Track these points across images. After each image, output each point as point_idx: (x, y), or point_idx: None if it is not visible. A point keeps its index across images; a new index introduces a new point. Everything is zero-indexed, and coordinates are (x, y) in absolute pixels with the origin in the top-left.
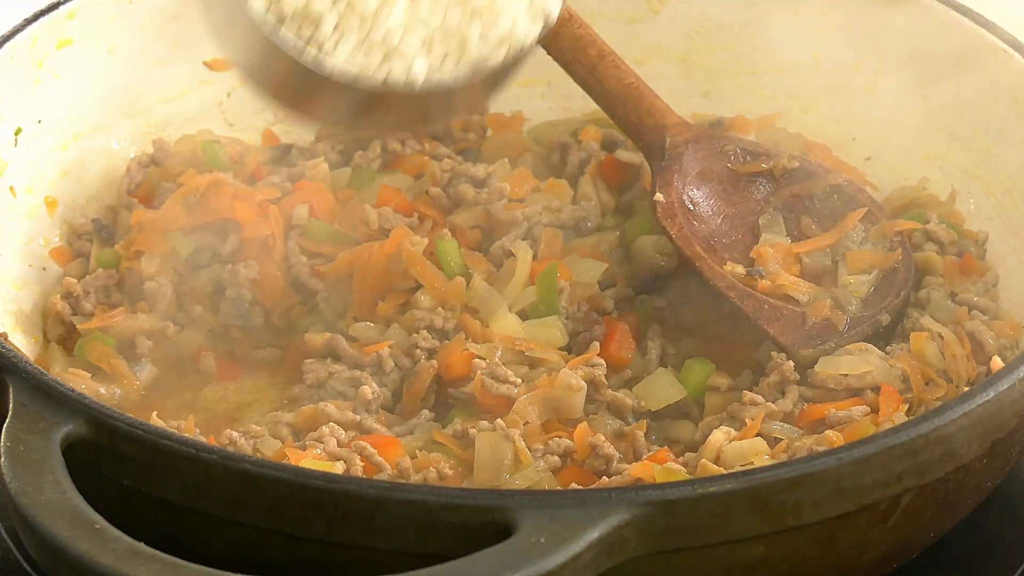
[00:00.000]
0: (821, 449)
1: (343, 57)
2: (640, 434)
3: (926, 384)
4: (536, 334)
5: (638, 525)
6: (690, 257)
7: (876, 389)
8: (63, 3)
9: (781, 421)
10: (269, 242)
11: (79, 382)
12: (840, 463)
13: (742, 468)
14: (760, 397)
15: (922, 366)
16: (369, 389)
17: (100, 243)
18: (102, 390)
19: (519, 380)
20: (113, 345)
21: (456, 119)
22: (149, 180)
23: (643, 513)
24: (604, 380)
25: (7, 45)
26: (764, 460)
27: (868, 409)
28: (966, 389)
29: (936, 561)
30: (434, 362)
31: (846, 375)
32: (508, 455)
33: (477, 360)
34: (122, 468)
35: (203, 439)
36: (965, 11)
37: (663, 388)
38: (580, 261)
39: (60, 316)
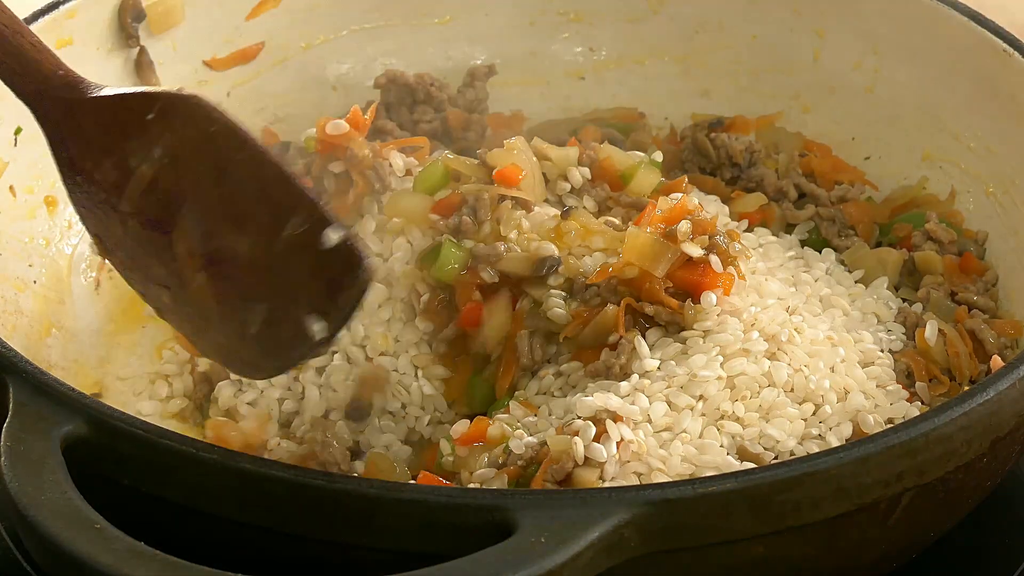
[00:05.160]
0: None
1: None
2: None
3: (930, 381)
4: None
5: (638, 525)
6: None
7: None
8: (63, 3)
9: None
10: None
11: None
12: (840, 463)
13: (742, 469)
14: None
15: (927, 363)
16: None
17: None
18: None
19: None
20: None
21: None
22: None
23: (643, 513)
24: None
25: None
26: None
27: None
28: (967, 387)
29: (936, 561)
30: None
31: None
32: None
33: None
34: (122, 468)
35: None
36: (965, 11)
37: None
38: None
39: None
